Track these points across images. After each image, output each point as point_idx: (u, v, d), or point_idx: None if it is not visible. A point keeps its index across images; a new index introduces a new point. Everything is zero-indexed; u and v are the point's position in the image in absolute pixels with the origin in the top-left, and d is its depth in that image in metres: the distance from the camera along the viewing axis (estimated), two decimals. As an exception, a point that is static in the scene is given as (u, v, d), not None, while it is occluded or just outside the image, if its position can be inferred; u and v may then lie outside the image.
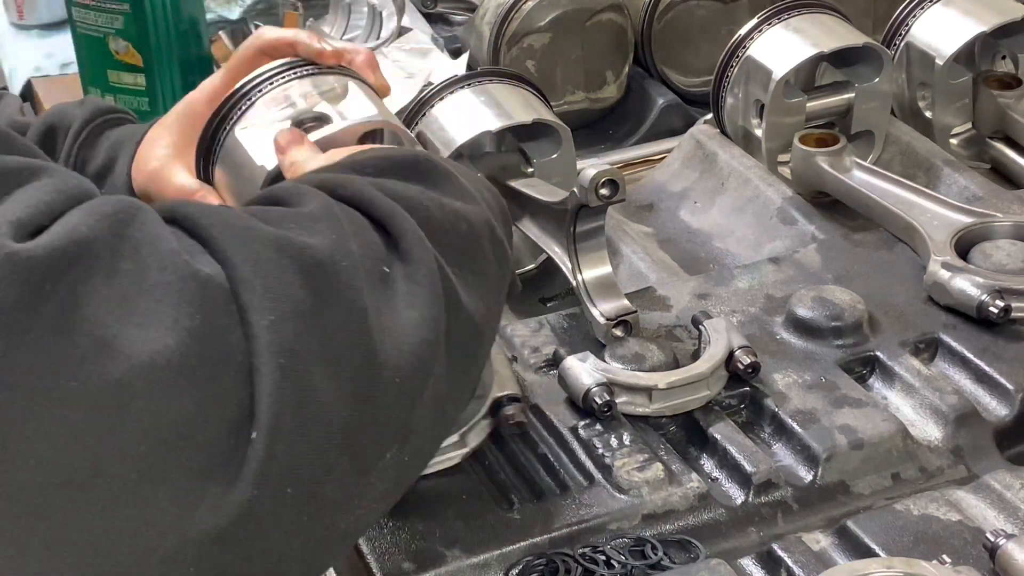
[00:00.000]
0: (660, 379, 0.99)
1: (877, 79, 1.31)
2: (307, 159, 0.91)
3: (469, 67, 1.47)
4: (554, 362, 1.04)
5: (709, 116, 1.39)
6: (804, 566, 0.88)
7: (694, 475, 0.95)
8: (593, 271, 1.09)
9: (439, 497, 0.93)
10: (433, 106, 1.21)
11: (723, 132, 1.36)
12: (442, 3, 1.73)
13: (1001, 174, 1.35)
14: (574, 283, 1.09)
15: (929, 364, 1.07)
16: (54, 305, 0.60)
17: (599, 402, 0.98)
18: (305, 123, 0.97)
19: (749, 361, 1.01)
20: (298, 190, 0.75)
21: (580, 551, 0.89)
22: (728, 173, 1.32)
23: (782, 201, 1.26)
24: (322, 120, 0.97)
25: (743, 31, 1.32)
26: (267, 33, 1.03)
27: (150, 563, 0.63)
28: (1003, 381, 1.03)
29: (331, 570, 0.96)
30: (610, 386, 0.98)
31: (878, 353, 1.06)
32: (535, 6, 1.47)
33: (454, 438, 0.94)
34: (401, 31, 1.56)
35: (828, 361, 1.05)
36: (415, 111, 1.22)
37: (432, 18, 1.69)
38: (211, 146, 1.00)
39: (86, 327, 0.61)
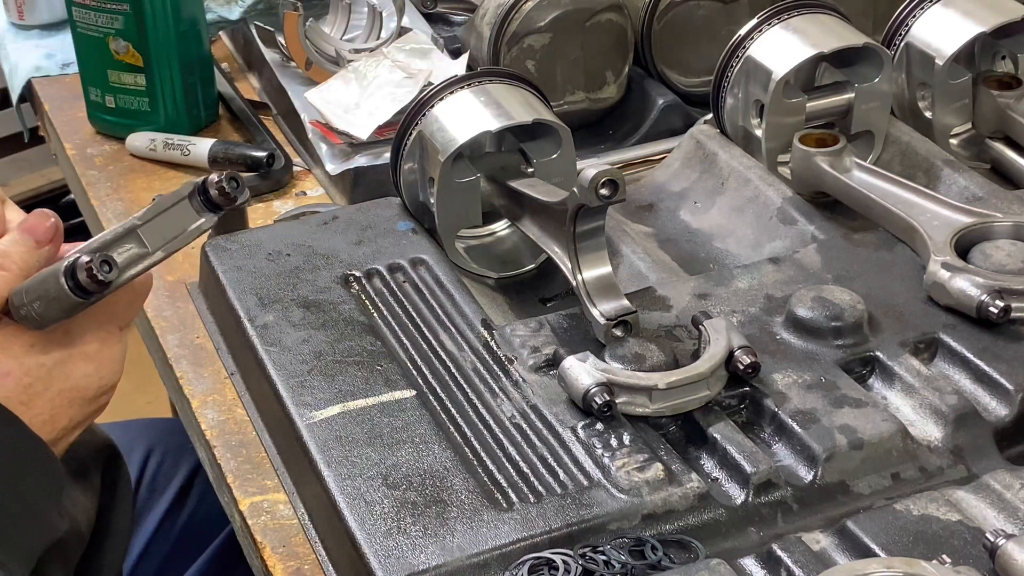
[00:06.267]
0: (660, 379, 0.99)
1: (877, 79, 1.31)
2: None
3: (469, 67, 1.47)
4: (554, 362, 1.04)
5: (709, 116, 1.39)
6: (804, 566, 0.88)
7: (694, 475, 0.95)
8: (593, 271, 1.09)
9: (439, 497, 0.93)
10: (433, 106, 1.21)
11: (723, 132, 1.36)
12: (442, 3, 1.73)
13: (1001, 174, 1.35)
14: (574, 283, 1.09)
15: (929, 364, 1.07)
16: None
17: (599, 402, 0.98)
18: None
19: (749, 361, 1.01)
20: None
21: (580, 551, 0.89)
22: (728, 173, 1.32)
23: (782, 201, 1.26)
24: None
25: (743, 31, 1.32)
26: None
27: None
28: (1003, 381, 1.03)
29: (332, 570, 0.96)
30: (610, 386, 0.98)
31: (878, 353, 1.06)
32: (535, 6, 1.46)
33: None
34: (401, 31, 1.56)
35: (828, 361, 1.05)
36: (415, 111, 1.22)
37: (432, 18, 1.68)
38: None
39: None
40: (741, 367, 1.01)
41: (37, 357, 0.92)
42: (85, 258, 0.86)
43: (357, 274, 1.17)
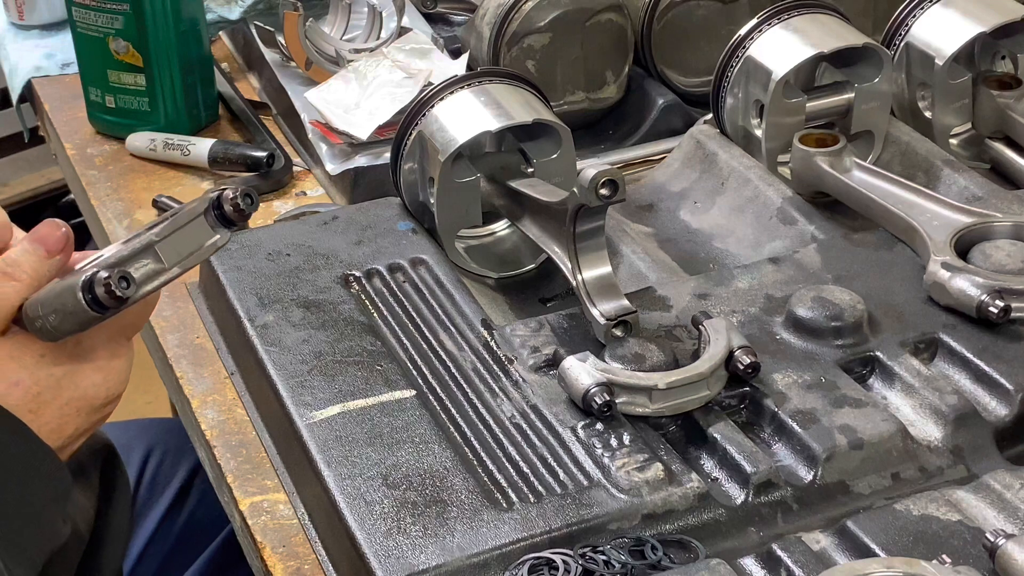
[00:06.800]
0: (660, 379, 0.99)
1: (877, 79, 1.31)
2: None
3: (469, 67, 1.47)
4: (554, 362, 1.04)
5: (709, 116, 1.39)
6: (804, 566, 0.88)
7: (694, 475, 0.95)
8: (593, 271, 1.09)
9: (439, 497, 0.93)
10: (433, 106, 1.21)
11: (723, 132, 1.36)
12: (442, 3, 1.73)
13: (1001, 174, 1.35)
14: (574, 283, 1.09)
15: (929, 364, 1.07)
16: None
17: (599, 402, 0.98)
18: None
19: (749, 361, 1.01)
20: None
21: (580, 551, 0.89)
22: (728, 173, 1.32)
23: (782, 201, 1.26)
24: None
25: (743, 31, 1.32)
26: None
27: None
28: (1003, 381, 1.03)
29: (332, 570, 0.96)
30: (610, 386, 0.98)
31: (878, 353, 1.06)
32: (535, 6, 1.46)
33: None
34: (401, 31, 1.56)
35: (828, 361, 1.05)
36: (415, 111, 1.22)
37: (432, 18, 1.68)
38: None
39: None
40: (741, 367, 1.01)
41: (48, 368, 0.92)
42: (103, 274, 0.86)
43: (357, 274, 1.17)
